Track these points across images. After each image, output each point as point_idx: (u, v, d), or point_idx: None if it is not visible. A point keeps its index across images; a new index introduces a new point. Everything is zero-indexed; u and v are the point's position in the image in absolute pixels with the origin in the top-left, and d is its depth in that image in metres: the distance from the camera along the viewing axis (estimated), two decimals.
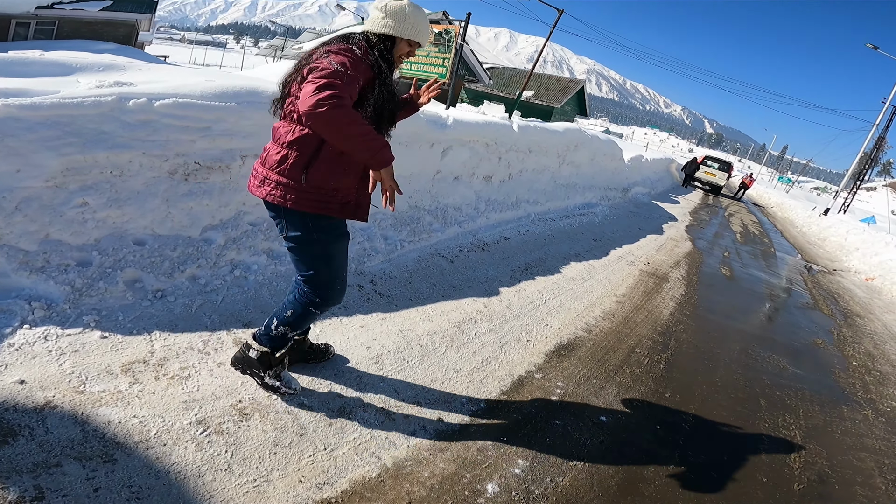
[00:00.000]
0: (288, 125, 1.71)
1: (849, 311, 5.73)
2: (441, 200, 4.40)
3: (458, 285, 3.54)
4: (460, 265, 3.90)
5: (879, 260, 8.89)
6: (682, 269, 5.74)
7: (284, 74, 1.78)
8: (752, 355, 3.72)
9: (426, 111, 4.14)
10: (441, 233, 4.18)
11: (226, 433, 1.76)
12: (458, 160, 4.56)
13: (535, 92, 28.40)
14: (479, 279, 3.76)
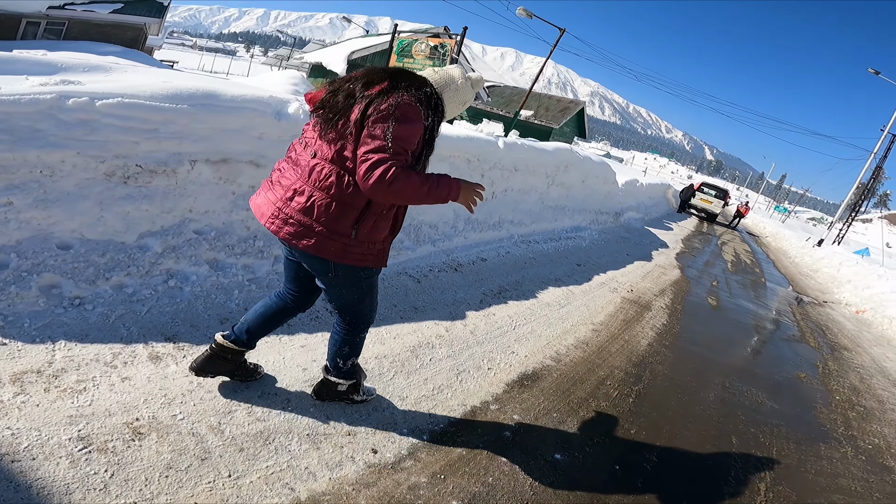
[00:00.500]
0: (334, 169, 1.62)
1: (836, 344, 5.54)
2: (416, 217, 4.24)
3: (422, 307, 3.36)
4: (427, 286, 3.72)
5: (871, 293, 8.74)
6: (667, 297, 5.57)
7: (330, 93, 1.68)
8: (729, 389, 3.53)
9: None
10: (412, 251, 4.01)
11: (110, 452, 1.60)
12: None
13: (535, 112, 28.46)
14: (446, 301, 3.58)
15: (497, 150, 5.18)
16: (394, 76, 1.65)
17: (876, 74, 19.98)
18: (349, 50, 15.61)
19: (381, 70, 1.72)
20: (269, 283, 2.91)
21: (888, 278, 9.46)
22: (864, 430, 3.41)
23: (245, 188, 2.98)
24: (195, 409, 1.89)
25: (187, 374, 2.02)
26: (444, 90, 1.78)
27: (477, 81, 1.89)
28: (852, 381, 4.35)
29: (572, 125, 29.37)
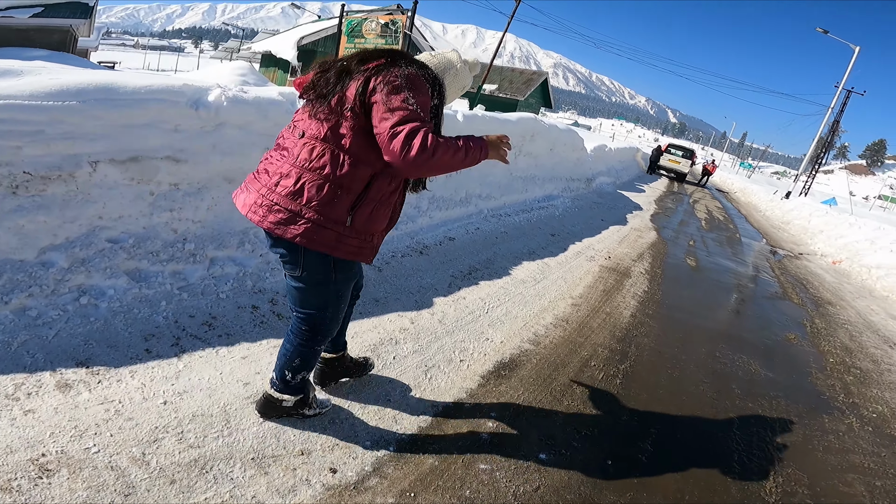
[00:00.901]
0: (327, 148, 1.46)
1: (819, 299, 5.48)
2: None
3: (383, 298, 3.05)
4: (390, 274, 3.41)
5: (845, 242, 8.80)
6: (646, 262, 5.38)
7: (320, 73, 1.55)
8: (720, 359, 3.35)
9: None
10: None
11: (15, 491, 1.35)
12: None
13: (499, 85, 28.05)
14: (411, 289, 3.27)
15: (456, 123, 4.83)
16: (391, 54, 1.54)
17: (825, 33, 20.12)
18: (299, 36, 14.84)
19: (376, 49, 1.59)
20: (205, 289, 2.55)
21: (860, 226, 9.55)
22: (865, 396, 3.26)
23: (165, 187, 2.59)
24: (112, 440, 1.60)
25: (102, 402, 1.73)
26: (444, 75, 1.67)
27: (474, 65, 1.78)
28: (843, 340, 4.24)
29: (537, 96, 29.15)
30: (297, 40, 14.51)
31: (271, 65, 17.18)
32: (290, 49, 14.35)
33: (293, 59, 14.35)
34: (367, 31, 9.40)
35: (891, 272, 6.69)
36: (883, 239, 8.25)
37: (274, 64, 16.90)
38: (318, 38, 14.84)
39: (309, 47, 15.02)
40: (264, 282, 2.78)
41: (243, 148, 2.80)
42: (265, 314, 2.53)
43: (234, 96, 2.74)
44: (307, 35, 14.84)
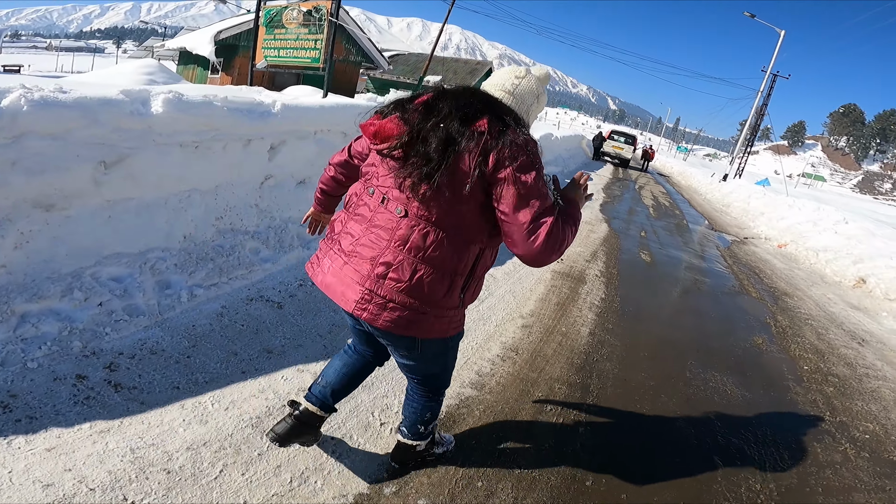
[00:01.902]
0: (443, 235, 1.27)
1: (776, 290, 5.26)
2: (277, 215, 3.18)
3: (281, 347, 2.36)
4: (294, 310, 2.71)
5: (787, 224, 8.86)
6: (600, 261, 4.96)
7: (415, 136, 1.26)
8: (692, 380, 2.90)
9: (231, 96, 2.88)
10: (273, 263, 2.97)
11: None
12: (300, 158, 3.34)
13: (444, 76, 27.56)
14: (321, 329, 2.60)
15: None
16: (487, 103, 1.32)
17: (752, 18, 20.77)
18: (216, 30, 13.53)
19: (464, 93, 1.34)
20: (6, 357, 1.79)
21: (799, 208, 9.69)
22: (852, 412, 2.92)
23: None
24: None
25: None
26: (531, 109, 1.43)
27: (545, 78, 1.49)
28: (811, 340, 3.95)
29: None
30: (213, 35, 13.21)
31: (190, 62, 15.72)
32: (206, 45, 13.04)
33: (210, 54, 13.05)
34: (288, 21, 8.46)
35: (839, 255, 6.66)
36: (825, 220, 8.34)
37: (192, 61, 15.46)
38: (239, 31, 13.60)
39: (229, 42, 13.75)
40: (101, 340, 2.02)
41: (61, 163, 2.02)
42: (95, 386, 1.79)
43: (40, 98, 1.94)
44: (225, 29, 13.56)
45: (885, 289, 5.36)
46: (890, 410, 3.02)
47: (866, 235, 7.10)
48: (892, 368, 3.63)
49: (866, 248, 6.64)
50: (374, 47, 17.39)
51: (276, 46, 8.34)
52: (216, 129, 2.64)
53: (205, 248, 2.76)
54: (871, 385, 3.32)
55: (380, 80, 28.99)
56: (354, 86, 17.81)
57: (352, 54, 16.72)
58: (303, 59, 8.01)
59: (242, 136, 2.82)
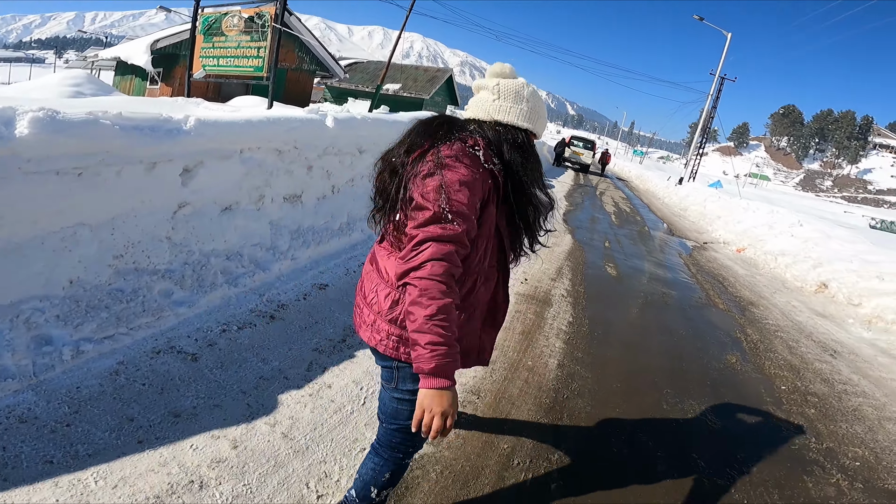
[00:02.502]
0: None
1: (741, 299, 5.15)
2: (195, 249, 2.73)
3: (191, 409, 1.94)
4: (213, 362, 2.28)
5: (744, 228, 8.95)
6: (566, 278, 4.70)
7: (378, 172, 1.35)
8: (669, 413, 2.66)
9: (127, 112, 2.42)
10: (189, 306, 2.52)
11: None
12: (223, 180, 2.90)
13: (403, 84, 27.28)
14: (243, 384, 2.18)
15: (325, 130, 3.76)
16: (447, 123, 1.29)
17: (700, 20, 21.46)
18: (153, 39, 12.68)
19: (430, 122, 1.30)
20: None
21: (754, 210, 9.85)
22: (837, 437, 2.74)
23: None
24: None
25: None
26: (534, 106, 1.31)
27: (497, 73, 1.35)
28: (784, 356, 3.79)
29: (443, 94, 28.74)
30: (150, 44, 12.35)
31: (127, 73, 14.71)
32: (142, 54, 12.16)
33: (146, 64, 12.18)
34: (228, 28, 7.89)
35: (797, 259, 6.69)
36: (780, 223, 8.46)
37: (130, 72, 14.48)
38: (179, 40, 12.77)
39: (168, 51, 12.90)
40: None
41: None
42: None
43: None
44: (164, 38, 12.72)
45: (847, 294, 5.35)
46: (876, 431, 2.87)
47: (822, 238, 7.20)
48: (868, 382, 3.51)
49: (823, 250, 6.71)
50: (330, 55, 16.89)
51: (215, 55, 7.77)
52: (106, 151, 2.18)
53: (98, 294, 2.29)
54: (852, 403, 3.16)
55: (337, 89, 28.36)
56: (309, 95, 17.23)
57: (306, 63, 16.17)
58: (244, 68, 7.48)
59: (144, 159, 2.36)
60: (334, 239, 3.78)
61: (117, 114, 2.22)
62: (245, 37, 7.62)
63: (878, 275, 5.35)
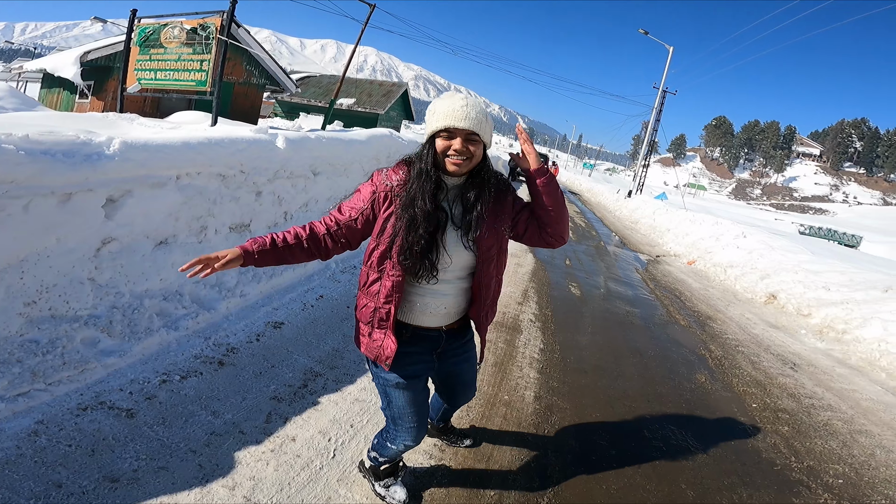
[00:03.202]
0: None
1: (699, 314, 5.23)
2: (125, 291, 2.38)
3: (131, 472, 1.66)
4: (152, 418, 1.97)
5: (692, 240, 9.27)
6: (532, 302, 4.60)
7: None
8: (653, 442, 2.58)
9: (36, 134, 2.07)
10: (120, 356, 2.18)
11: None
12: (157, 211, 2.56)
13: (357, 99, 26.84)
14: (192, 441, 1.89)
15: (275, 151, 3.48)
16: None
17: (645, 34, 22.28)
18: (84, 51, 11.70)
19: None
20: None
21: (700, 223, 10.25)
22: (815, 454, 2.74)
23: None
24: None
25: None
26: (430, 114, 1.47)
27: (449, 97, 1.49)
28: (748, 370, 3.82)
29: (398, 108, 28.52)
30: (80, 55, 11.40)
31: (55, 85, 13.52)
32: (70, 66, 11.19)
33: (74, 76, 11.20)
34: (168, 40, 7.35)
35: (745, 270, 6.94)
36: (725, 235, 8.82)
37: (58, 84, 13.32)
38: (113, 52, 11.85)
39: (100, 63, 11.93)
40: None
41: None
42: None
43: None
44: (96, 49, 11.74)
45: (796, 305, 5.56)
46: (851, 446, 2.90)
47: (766, 249, 7.53)
48: (833, 395, 3.59)
49: (768, 262, 7.00)
50: (281, 69, 16.31)
51: (152, 68, 7.23)
52: (10, 181, 1.84)
53: (7, 347, 1.94)
54: (822, 418, 3.21)
55: (289, 104, 27.56)
56: (258, 110, 16.57)
57: (254, 76, 15.51)
58: (185, 82, 6.99)
59: (57, 189, 2.02)
60: (288, 271, 3.49)
61: (23, 136, 1.89)
62: (187, 49, 7.13)
63: (824, 285, 5.61)
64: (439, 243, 1.43)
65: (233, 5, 7.69)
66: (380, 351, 1.52)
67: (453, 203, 1.48)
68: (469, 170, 1.45)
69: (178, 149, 2.58)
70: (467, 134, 1.40)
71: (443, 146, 1.41)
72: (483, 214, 1.46)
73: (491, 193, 1.49)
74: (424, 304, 1.51)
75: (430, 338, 1.58)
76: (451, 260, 1.47)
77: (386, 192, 1.46)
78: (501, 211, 1.54)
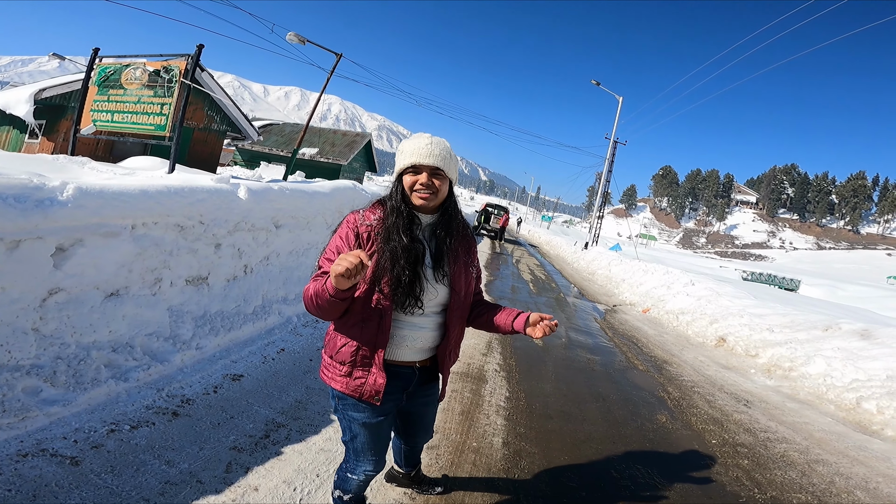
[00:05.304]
0: None
1: (656, 359, 5.40)
2: (71, 341, 2.25)
3: None
4: (99, 466, 1.86)
5: (645, 289, 9.66)
6: (496, 352, 4.63)
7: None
8: (621, 482, 2.62)
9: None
10: (64, 405, 2.04)
11: None
12: (109, 261, 2.47)
13: (320, 149, 26.88)
14: (144, 490, 1.80)
15: (236, 202, 3.47)
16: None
17: (597, 85, 23.39)
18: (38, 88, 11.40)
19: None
20: None
21: (651, 272, 10.73)
22: (777, 485, 2.85)
23: None
24: None
25: None
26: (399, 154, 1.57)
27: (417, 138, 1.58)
28: (706, 410, 3.96)
29: (361, 160, 28.67)
30: (34, 92, 11.09)
31: (4, 123, 12.98)
32: (23, 103, 10.83)
33: (26, 115, 10.84)
34: (129, 81, 7.25)
35: (695, 316, 7.27)
36: (675, 283, 9.26)
37: (8, 122, 12.81)
38: (69, 90, 11.60)
39: (55, 102, 11.61)
40: None
41: None
42: None
43: None
44: (51, 87, 11.46)
45: (744, 346, 5.84)
46: (809, 475, 3.04)
47: (713, 295, 7.96)
48: (786, 428, 3.77)
49: (716, 307, 7.38)
50: (243, 115, 16.30)
51: (109, 109, 7.08)
52: None
53: None
54: (778, 450, 3.37)
55: (249, 152, 27.31)
56: (217, 157, 16.36)
57: (215, 122, 15.39)
58: (144, 125, 6.87)
59: (6, 236, 1.94)
60: (248, 324, 3.39)
61: None
62: (147, 91, 7.04)
63: (768, 327, 5.94)
64: (421, 275, 1.49)
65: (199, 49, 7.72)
66: (364, 388, 1.53)
67: (429, 240, 1.55)
68: (436, 204, 1.53)
69: (136, 197, 2.55)
70: (433, 169, 1.49)
71: (410, 182, 1.50)
72: (455, 249, 1.55)
73: (459, 227, 1.58)
74: (402, 336, 1.54)
75: (404, 375, 1.59)
76: (436, 292, 1.53)
77: (368, 231, 1.49)
78: (470, 253, 1.64)
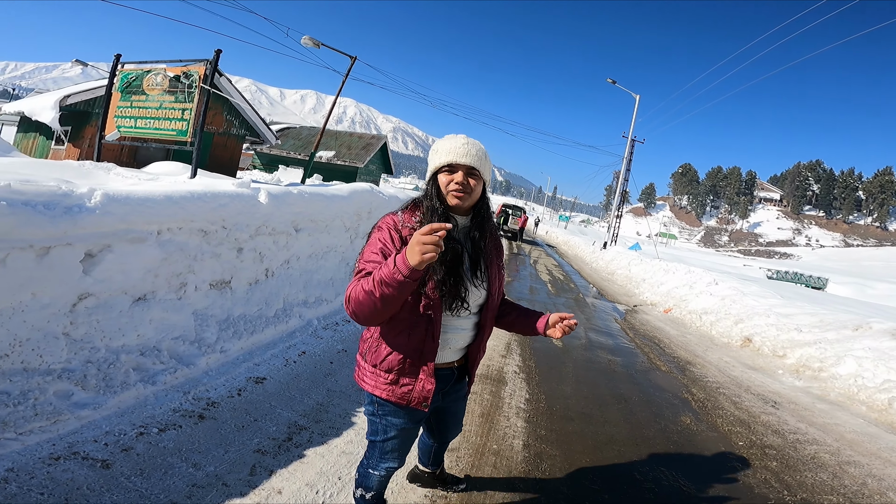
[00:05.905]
0: None
1: (679, 360, 5.30)
2: (101, 346, 2.31)
3: None
4: (129, 468, 1.91)
5: (667, 289, 9.49)
6: (515, 354, 4.60)
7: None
8: (644, 484, 2.59)
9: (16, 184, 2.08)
10: (94, 408, 2.10)
11: None
12: (136, 267, 2.54)
13: (337, 152, 27.09)
14: (173, 493, 1.85)
15: (257, 206, 3.52)
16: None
17: (613, 83, 23.12)
18: (63, 94, 11.71)
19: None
20: None
21: (673, 272, 10.54)
22: (807, 487, 2.79)
23: None
24: None
25: None
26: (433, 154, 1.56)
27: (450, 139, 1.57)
28: (732, 411, 3.88)
29: (378, 162, 28.82)
30: (59, 99, 11.39)
31: (31, 130, 13.39)
32: (49, 110, 11.14)
33: (52, 121, 11.13)
34: (150, 87, 7.40)
35: (720, 317, 7.12)
36: (698, 283, 9.07)
37: (35, 129, 13.21)
38: (93, 97, 11.87)
39: (79, 108, 11.90)
40: None
41: None
42: None
43: None
44: (76, 93, 11.77)
45: (771, 347, 5.69)
46: (841, 477, 2.96)
47: (738, 295, 7.77)
48: (816, 430, 3.67)
49: (741, 307, 7.21)
50: (261, 120, 16.54)
51: (132, 115, 7.25)
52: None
53: None
54: (808, 451, 3.29)
55: (268, 156, 27.70)
56: (237, 162, 16.65)
57: (234, 127, 15.66)
58: (166, 131, 7.01)
59: (36, 243, 2.00)
60: (269, 327, 3.43)
61: (5, 185, 1.89)
62: (169, 97, 7.18)
63: (796, 327, 5.78)
64: (463, 276, 1.48)
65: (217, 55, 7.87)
66: (412, 395, 1.52)
67: (465, 241, 1.54)
68: (470, 205, 1.51)
69: (161, 203, 2.60)
70: (468, 169, 1.47)
71: (445, 181, 1.48)
72: (489, 250, 1.57)
73: (493, 229, 1.60)
74: (446, 339, 1.54)
75: (443, 376, 1.60)
76: (478, 293, 1.54)
77: (410, 234, 1.44)
78: (500, 254, 1.67)
